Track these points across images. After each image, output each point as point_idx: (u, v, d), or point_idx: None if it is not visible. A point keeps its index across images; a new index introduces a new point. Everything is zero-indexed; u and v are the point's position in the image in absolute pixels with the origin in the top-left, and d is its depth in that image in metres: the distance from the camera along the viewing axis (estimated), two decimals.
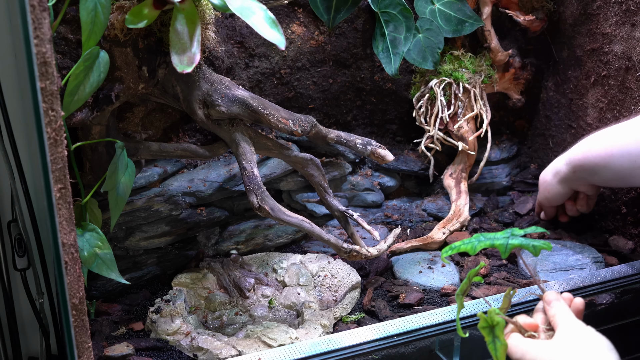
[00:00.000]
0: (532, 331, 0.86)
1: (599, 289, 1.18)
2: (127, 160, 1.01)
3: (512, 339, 0.84)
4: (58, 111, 0.74)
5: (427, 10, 1.38)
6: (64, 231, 0.78)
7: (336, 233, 1.39)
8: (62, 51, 1.00)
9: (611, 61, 1.36)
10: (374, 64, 1.42)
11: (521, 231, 0.87)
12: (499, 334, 0.82)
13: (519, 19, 1.45)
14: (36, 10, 0.70)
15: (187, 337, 1.07)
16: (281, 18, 1.32)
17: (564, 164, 1.30)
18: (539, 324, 0.87)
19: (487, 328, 0.82)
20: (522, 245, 0.84)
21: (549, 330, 0.86)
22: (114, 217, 1.02)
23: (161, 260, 1.27)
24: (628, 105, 1.33)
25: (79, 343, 0.84)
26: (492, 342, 0.82)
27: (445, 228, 1.38)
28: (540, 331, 0.86)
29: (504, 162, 1.60)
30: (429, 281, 1.24)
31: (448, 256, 0.97)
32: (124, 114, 1.20)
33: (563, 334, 0.82)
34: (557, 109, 1.54)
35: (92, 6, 0.88)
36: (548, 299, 0.88)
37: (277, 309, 1.20)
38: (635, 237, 1.35)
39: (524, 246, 0.84)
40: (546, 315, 0.88)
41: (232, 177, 1.32)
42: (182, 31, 0.95)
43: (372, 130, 1.49)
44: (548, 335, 0.86)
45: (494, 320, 0.82)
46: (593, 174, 1.24)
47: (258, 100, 1.12)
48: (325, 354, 0.99)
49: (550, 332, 0.86)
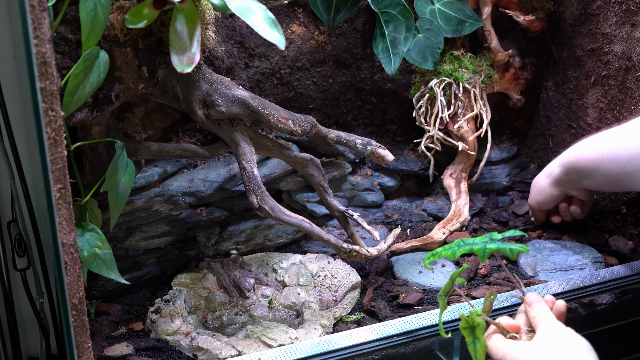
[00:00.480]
0: (513, 332, 0.87)
1: (599, 289, 1.18)
2: (127, 160, 1.01)
3: (494, 340, 0.86)
4: (58, 111, 0.74)
5: (427, 10, 1.38)
6: (64, 231, 0.78)
7: (336, 233, 1.39)
8: (62, 51, 1.00)
9: (611, 61, 1.36)
10: (374, 64, 1.42)
11: (499, 235, 0.88)
12: (479, 335, 0.83)
13: (519, 19, 1.45)
14: (36, 10, 0.69)
15: (187, 337, 1.07)
16: (281, 18, 1.32)
17: (557, 166, 1.31)
18: (521, 325, 0.88)
19: (467, 329, 0.84)
20: (500, 249, 0.85)
21: (530, 331, 0.88)
22: (114, 217, 1.02)
23: (161, 260, 1.27)
24: (628, 105, 1.33)
25: (78, 343, 0.84)
26: (472, 342, 0.84)
27: (445, 228, 1.38)
28: (522, 332, 0.87)
29: (504, 162, 1.60)
30: (429, 281, 1.24)
31: (430, 262, 0.98)
32: (124, 114, 1.20)
33: (543, 335, 0.83)
34: (557, 109, 1.54)
35: (92, 6, 0.88)
36: (529, 300, 0.89)
37: (277, 309, 1.20)
38: (635, 237, 1.35)
39: (501, 250, 0.85)
40: (528, 317, 0.89)
41: (232, 177, 1.32)
42: (182, 31, 0.95)
43: (372, 130, 1.49)
44: (529, 336, 0.87)
45: (475, 322, 0.83)
46: (585, 177, 1.25)
47: (258, 100, 1.12)
48: (325, 354, 0.99)
49: (531, 334, 0.87)
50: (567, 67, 1.49)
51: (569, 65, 1.49)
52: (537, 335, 0.84)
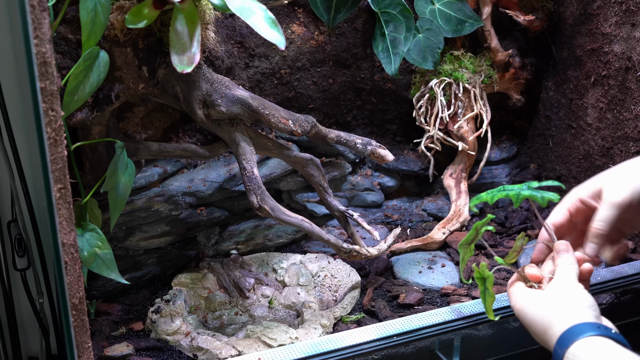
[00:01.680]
0: (534, 282, 0.87)
1: (599, 289, 1.18)
2: (127, 160, 1.01)
3: (514, 287, 0.87)
4: (58, 111, 0.74)
5: (427, 10, 1.38)
6: (64, 231, 0.78)
7: (336, 233, 1.39)
8: (62, 51, 1.00)
9: (611, 61, 1.36)
10: (374, 64, 1.42)
11: (536, 183, 0.88)
12: (488, 286, 0.89)
13: (519, 19, 1.45)
14: (36, 10, 0.69)
15: (187, 337, 1.07)
16: (281, 18, 1.32)
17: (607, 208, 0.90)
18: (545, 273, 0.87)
19: (480, 279, 0.89)
20: (532, 196, 0.86)
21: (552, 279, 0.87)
22: (114, 217, 1.02)
23: (161, 260, 1.27)
24: (628, 105, 1.33)
25: (79, 343, 0.84)
26: (483, 292, 0.90)
27: (445, 228, 1.38)
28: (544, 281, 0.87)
29: (504, 162, 1.60)
30: (429, 281, 1.24)
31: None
32: (124, 114, 1.20)
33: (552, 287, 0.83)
34: (557, 109, 1.54)
35: (92, 6, 0.88)
36: (557, 248, 0.88)
37: (277, 309, 1.20)
38: (636, 237, 1.35)
39: (533, 197, 0.86)
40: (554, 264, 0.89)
41: (232, 177, 1.32)
42: (182, 31, 0.95)
43: (372, 130, 1.49)
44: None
45: (485, 274, 0.88)
46: None
47: (258, 100, 1.12)
48: (325, 354, 0.99)
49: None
50: (567, 67, 1.49)
51: (569, 65, 1.49)
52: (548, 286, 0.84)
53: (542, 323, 0.79)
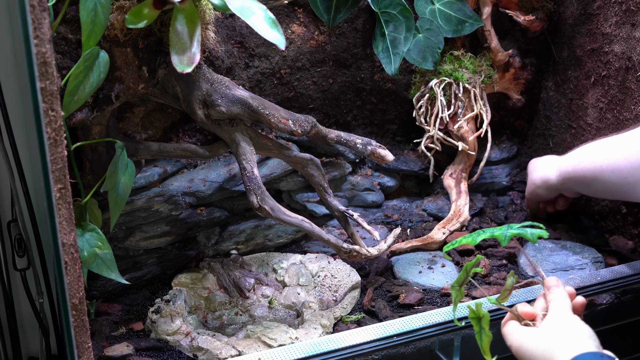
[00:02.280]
0: (528, 320, 0.88)
1: (599, 289, 1.18)
2: (127, 160, 1.01)
3: (508, 326, 0.88)
4: (58, 111, 0.74)
5: (427, 10, 1.38)
6: (64, 231, 0.78)
7: (336, 233, 1.39)
8: (62, 51, 1.00)
9: (611, 61, 1.36)
10: (374, 64, 1.42)
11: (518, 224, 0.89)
12: (484, 325, 0.88)
13: (519, 19, 1.45)
14: (36, 10, 0.70)
15: (187, 337, 1.07)
16: (281, 18, 1.32)
17: (554, 173, 1.32)
18: (538, 310, 0.88)
19: (475, 319, 0.88)
20: (520, 233, 0.87)
21: (545, 316, 0.88)
22: (114, 217, 1.02)
23: (161, 260, 1.27)
24: (628, 105, 1.33)
25: (79, 343, 0.84)
26: (479, 332, 0.88)
27: (445, 228, 1.38)
28: (538, 318, 0.87)
29: (504, 162, 1.60)
30: (429, 281, 1.24)
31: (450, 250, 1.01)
32: (124, 114, 1.20)
33: (548, 321, 0.84)
34: (557, 109, 1.54)
35: (92, 6, 0.88)
36: (548, 284, 0.90)
37: (277, 309, 1.20)
38: (635, 237, 1.35)
39: (522, 234, 0.87)
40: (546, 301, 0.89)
41: (232, 177, 1.32)
42: (182, 31, 0.95)
43: (372, 130, 1.49)
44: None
45: (480, 313, 0.87)
46: (582, 186, 1.27)
47: (258, 100, 1.12)
48: (325, 354, 0.99)
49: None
50: (567, 67, 1.49)
51: (569, 65, 1.49)
52: (544, 321, 0.85)
53: (544, 357, 0.79)
